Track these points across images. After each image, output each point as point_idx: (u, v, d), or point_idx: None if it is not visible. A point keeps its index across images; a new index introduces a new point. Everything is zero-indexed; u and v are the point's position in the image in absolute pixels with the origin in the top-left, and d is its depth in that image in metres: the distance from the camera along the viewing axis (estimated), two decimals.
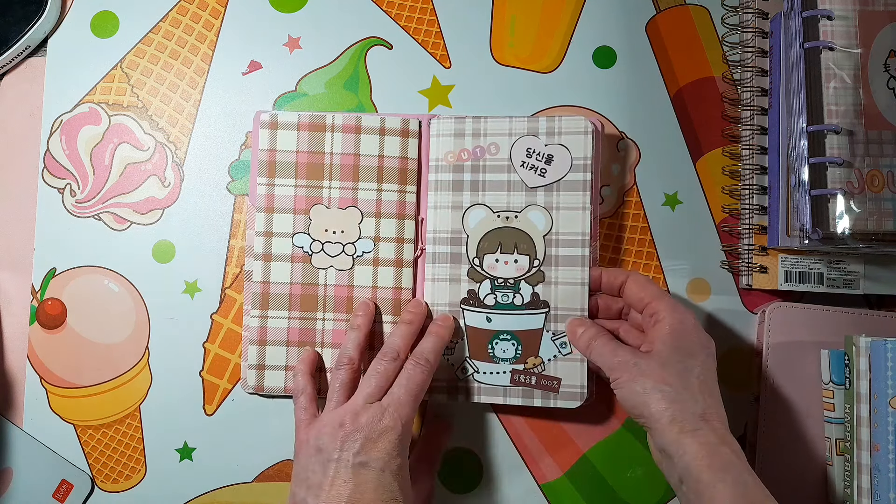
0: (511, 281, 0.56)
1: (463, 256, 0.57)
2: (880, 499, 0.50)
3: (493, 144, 0.57)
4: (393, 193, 0.58)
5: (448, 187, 0.57)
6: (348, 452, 0.48)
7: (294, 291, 0.57)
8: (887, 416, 0.50)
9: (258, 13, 0.61)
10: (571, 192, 0.56)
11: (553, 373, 0.56)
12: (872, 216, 0.51)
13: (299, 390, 0.54)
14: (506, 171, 0.57)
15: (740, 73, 0.59)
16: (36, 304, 0.60)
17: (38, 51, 0.61)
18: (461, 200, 0.57)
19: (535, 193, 0.56)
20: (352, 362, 0.53)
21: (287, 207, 0.57)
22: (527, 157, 0.56)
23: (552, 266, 0.56)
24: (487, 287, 0.56)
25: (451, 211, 0.57)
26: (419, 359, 0.52)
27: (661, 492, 0.58)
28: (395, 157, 0.58)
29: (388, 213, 0.58)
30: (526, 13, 0.61)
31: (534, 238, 0.56)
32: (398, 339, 0.53)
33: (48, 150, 0.60)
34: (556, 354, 0.56)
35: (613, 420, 0.58)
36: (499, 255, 0.56)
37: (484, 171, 0.57)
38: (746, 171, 0.58)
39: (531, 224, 0.56)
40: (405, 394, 0.50)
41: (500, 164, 0.57)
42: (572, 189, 0.56)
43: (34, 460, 0.59)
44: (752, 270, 0.57)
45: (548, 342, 0.56)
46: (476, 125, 0.57)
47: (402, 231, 0.58)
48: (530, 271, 0.56)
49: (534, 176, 0.56)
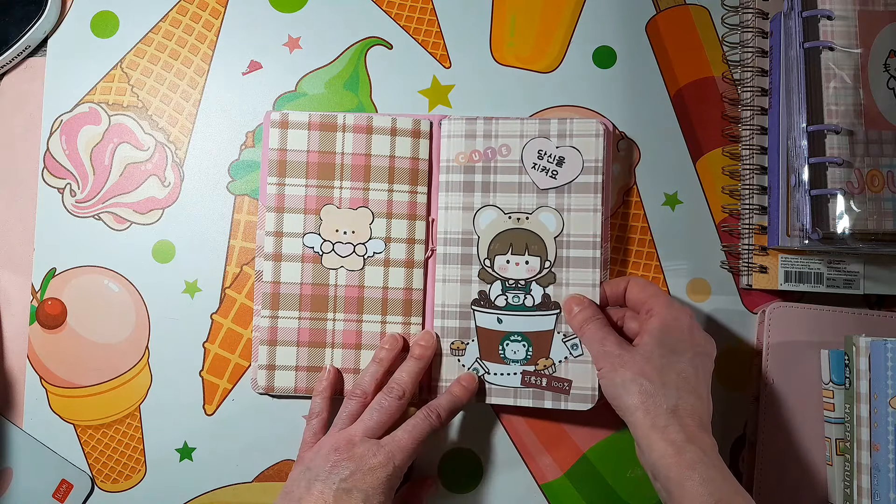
0: (522, 282, 0.56)
1: (474, 257, 0.57)
2: (880, 499, 0.50)
3: (505, 146, 0.57)
4: (404, 194, 0.58)
5: (459, 188, 0.57)
6: (335, 476, 0.48)
7: (304, 292, 0.57)
8: (887, 416, 0.50)
9: (258, 13, 0.61)
10: (583, 193, 0.56)
11: (564, 374, 0.56)
12: (872, 216, 0.51)
13: (315, 413, 0.55)
14: (517, 173, 0.57)
15: (740, 73, 0.59)
16: (36, 304, 0.60)
17: (38, 51, 0.61)
18: (472, 201, 0.57)
19: (546, 195, 0.56)
20: (364, 396, 0.53)
21: (297, 207, 0.57)
22: (538, 159, 0.56)
23: (563, 268, 0.56)
24: (498, 288, 0.56)
25: (461, 212, 0.57)
26: (432, 412, 0.52)
27: None
28: (406, 158, 0.58)
29: (399, 213, 0.58)
30: (526, 13, 0.61)
31: (545, 239, 0.56)
32: (406, 377, 0.54)
33: (48, 150, 0.60)
34: (568, 356, 0.56)
35: (613, 420, 0.58)
36: (510, 256, 0.56)
37: (495, 172, 0.57)
38: (746, 171, 0.58)
39: (542, 226, 0.56)
40: (408, 440, 0.50)
41: (511, 166, 0.57)
42: (583, 191, 0.56)
43: (34, 460, 0.59)
44: (752, 270, 0.57)
45: (559, 344, 0.56)
46: (487, 126, 0.57)
47: (413, 232, 0.58)
48: (541, 272, 0.56)
49: (545, 178, 0.56)
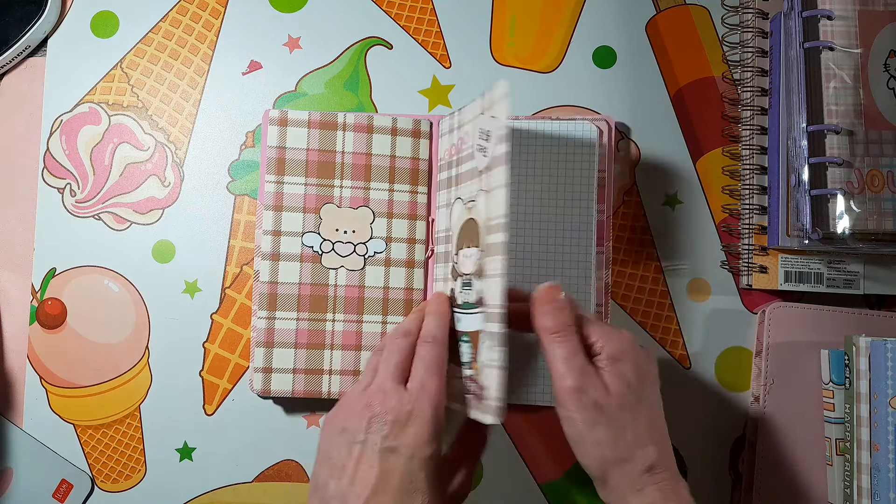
0: (469, 277, 0.50)
1: (451, 255, 0.54)
2: (880, 499, 0.50)
3: (466, 133, 0.52)
4: (405, 194, 0.58)
5: (445, 185, 0.56)
6: (376, 436, 0.44)
7: (303, 292, 0.57)
8: (887, 416, 0.50)
9: (258, 13, 0.61)
10: (497, 167, 0.46)
11: (482, 381, 0.47)
12: (872, 216, 0.51)
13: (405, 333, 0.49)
14: (471, 159, 0.51)
15: (740, 73, 0.59)
16: (36, 304, 0.60)
17: (38, 51, 0.61)
18: (449, 197, 0.55)
19: (481, 176, 0.49)
20: (436, 340, 0.48)
21: (297, 206, 0.57)
22: (479, 139, 0.50)
23: (487, 256, 0.47)
24: (459, 285, 0.51)
25: (446, 209, 0.56)
26: (426, 337, 0.48)
27: None
28: (406, 158, 0.58)
29: (399, 213, 0.58)
30: (526, 13, 0.61)
31: (479, 226, 0.49)
32: (431, 325, 0.50)
33: (48, 150, 0.60)
34: (487, 359, 0.46)
35: None
36: (465, 249, 0.51)
37: (459, 163, 0.53)
38: (746, 171, 0.58)
39: (480, 211, 0.49)
40: (426, 373, 0.46)
41: (468, 153, 0.52)
42: (497, 164, 0.46)
43: (34, 460, 0.59)
44: (752, 270, 0.57)
45: (484, 344, 0.47)
46: (458, 118, 0.54)
47: (413, 231, 0.58)
48: (477, 265, 0.49)
49: (482, 157, 0.49)
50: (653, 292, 0.59)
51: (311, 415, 0.59)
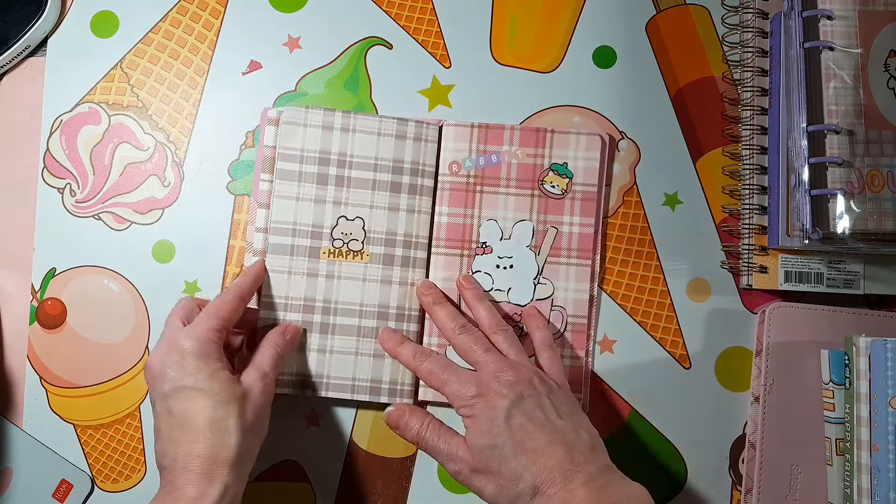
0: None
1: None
2: (880, 499, 0.50)
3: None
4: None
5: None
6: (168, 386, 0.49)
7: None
8: (887, 416, 0.50)
9: (258, 13, 0.61)
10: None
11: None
12: (872, 216, 0.51)
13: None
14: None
15: (740, 73, 0.59)
16: (36, 303, 0.60)
17: (38, 51, 0.61)
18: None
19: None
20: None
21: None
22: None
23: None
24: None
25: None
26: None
27: (661, 493, 0.58)
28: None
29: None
30: (526, 13, 0.61)
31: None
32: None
33: (48, 150, 0.60)
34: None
35: (613, 420, 0.58)
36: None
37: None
38: (746, 171, 0.58)
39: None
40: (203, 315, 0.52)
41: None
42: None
43: (34, 460, 0.59)
44: (752, 270, 0.57)
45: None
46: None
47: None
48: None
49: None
50: (653, 292, 0.59)
51: (311, 415, 0.59)
